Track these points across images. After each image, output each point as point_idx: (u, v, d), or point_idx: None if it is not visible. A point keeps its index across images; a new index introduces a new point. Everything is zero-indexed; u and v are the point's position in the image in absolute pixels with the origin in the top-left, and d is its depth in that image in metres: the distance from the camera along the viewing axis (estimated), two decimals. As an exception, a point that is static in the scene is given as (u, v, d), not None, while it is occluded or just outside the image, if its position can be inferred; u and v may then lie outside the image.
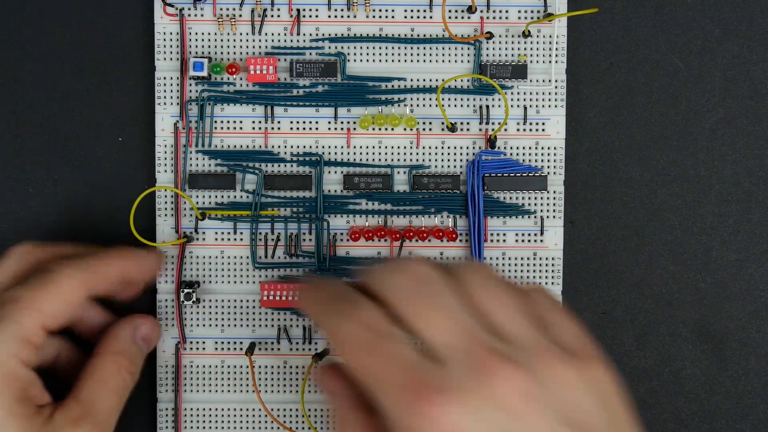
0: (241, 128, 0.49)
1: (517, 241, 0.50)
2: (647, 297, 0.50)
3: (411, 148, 0.49)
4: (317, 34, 0.49)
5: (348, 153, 0.49)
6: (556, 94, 0.49)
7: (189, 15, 0.49)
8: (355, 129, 0.49)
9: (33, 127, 0.50)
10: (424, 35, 0.49)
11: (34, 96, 0.50)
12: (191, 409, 0.50)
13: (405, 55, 0.49)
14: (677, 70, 0.50)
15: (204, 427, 0.50)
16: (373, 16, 0.49)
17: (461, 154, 0.49)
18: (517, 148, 0.49)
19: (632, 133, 0.50)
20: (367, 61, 0.49)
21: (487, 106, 0.49)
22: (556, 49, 0.49)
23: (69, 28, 0.50)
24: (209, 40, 0.49)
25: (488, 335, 0.35)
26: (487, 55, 0.49)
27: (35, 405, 0.42)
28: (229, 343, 0.50)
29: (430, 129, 0.49)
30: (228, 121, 0.49)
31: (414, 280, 0.37)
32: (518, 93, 0.49)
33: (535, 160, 0.49)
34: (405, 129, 0.49)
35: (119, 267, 0.46)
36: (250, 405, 0.50)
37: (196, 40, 0.49)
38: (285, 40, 0.49)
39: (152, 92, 0.49)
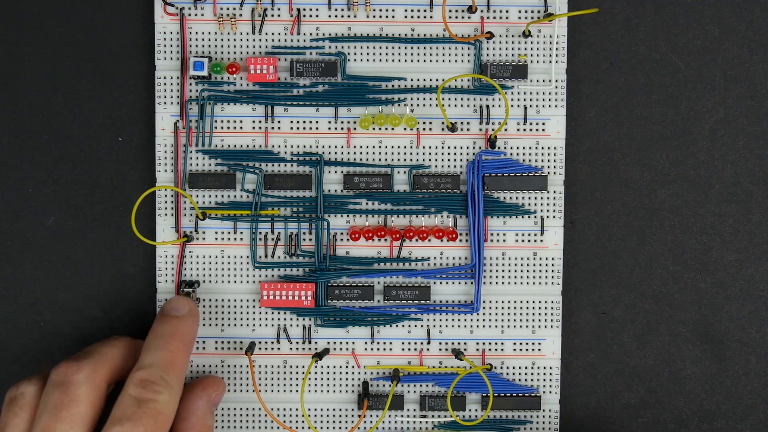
0: (241, 128, 0.49)
1: (517, 241, 0.50)
2: (647, 297, 0.50)
3: (411, 147, 0.49)
4: (317, 34, 0.49)
5: (348, 153, 0.49)
6: (556, 94, 0.49)
7: (189, 14, 0.49)
8: (355, 129, 0.49)
9: (33, 127, 0.50)
10: (425, 35, 0.49)
11: (34, 96, 0.50)
12: (191, 409, 0.50)
13: (405, 54, 0.49)
14: (677, 70, 0.50)
15: (204, 427, 0.50)
16: (374, 16, 0.49)
17: (461, 154, 0.49)
18: (517, 148, 0.49)
19: (632, 133, 0.50)
20: (368, 60, 0.49)
21: (488, 106, 0.49)
22: (557, 49, 0.49)
23: (69, 28, 0.50)
24: (209, 39, 0.49)
25: None
26: (488, 55, 0.49)
27: None
28: (229, 342, 0.50)
29: (430, 129, 0.49)
30: (228, 121, 0.49)
31: None
32: (518, 93, 0.49)
33: (535, 160, 0.49)
34: (405, 129, 0.49)
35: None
36: (250, 405, 0.50)
37: (197, 39, 0.49)
38: (285, 40, 0.49)
39: (152, 92, 0.49)
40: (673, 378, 0.51)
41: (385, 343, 0.50)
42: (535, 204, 0.49)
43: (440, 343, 0.50)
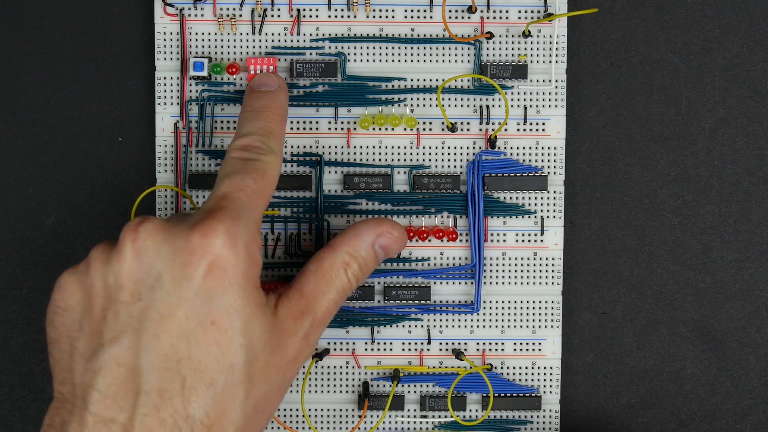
0: (241, 128, 0.49)
1: (517, 241, 0.50)
2: (647, 297, 0.50)
3: (411, 148, 0.49)
4: (317, 34, 0.49)
5: (348, 153, 0.49)
6: (556, 94, 0.49)
7: (189, 15, 0.49)
8: (355, 129, 0.49)
9: (33, 127, 0.50)
10: (425, 35, 0.49)
11: (34, 96, 0.50)
12: (191, 409, 0.50)
13: (405, 55, 0.49)
14: (677, 70, 0.50)
15: (204, 427, 0.50)
16: (373, 16, 0.49)
17: (461, 154, 0.49)
18: (517, 148, 0.49)
19: (632, 133, 0.50)
20: (367, 61, 0.49)
21: (487, 106, 0.49)
22: (556, 49, 0.49)
23: (69, 28, 0.50)
24: (209, 40, 0.49)
25: None
26: (487, 55, 0.49)
27: (264, 292, 0.41)
28: (229, 343, 0.50)
29: (430, 129, 0.49)
30: (228, 121, 0.49)
31: None
32: (518, 93, 0.49)
33: (535, 160, 0.49)
34: (405, 129, 0.49)
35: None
36: (250, 405, 0.50)
37: (197, 40, 0.49)
38: (285, 40, 0.49)
39: (152, 92, 0.49)
40: (673, 378, 0.51)
41: (385, 343, 0.50)
42: (535, 204, 0.49)
43: (440, 343, 0.50)
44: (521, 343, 0.50)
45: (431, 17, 0.49)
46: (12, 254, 0.50)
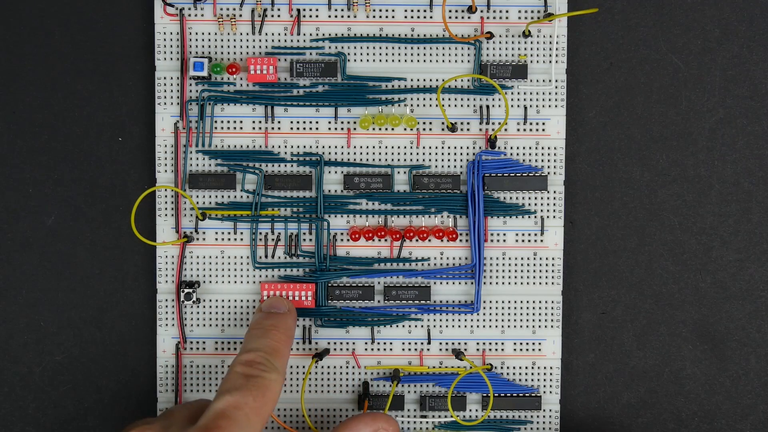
0: (241, 128, 0.49)
1: (517, 241, 0.50)
2: (647, 297, 0.50)
3: (411, 148, 0.49)
4: (317, 34, 0.49)
5: (348, 153, 0.49)
6: (556, 94, 0.49)
7: (189, 15, 0.49)
8: (355, 129, 0.49)
9: (33, 127, 0.50)
10: (425, 35, 0.49)
11: (34, 96, 0.50)
12: (191, 409, 0.50)
13: (405, 55, 0.49)
14: (677, 70, 0.50)
15: (204, 427, 0.50)
16: (373, 16, 0.49)
17: (461, 154, 0.49)
18: (517, 148, 0.49)
19: (632, 133, 0.50)
20: (368, 61, 0.49)
21: (488, 106, 0.49)
22: (556, 49, 0.49)
23: (69, 28, 0.50)
24: (209, 40, 0.49)
25: None
26: (488, 55, 0.49)
27: None
28: (229, 343, 0.50)
29: (431, 129, 0.49)
30: (228, 121, 0.49)
31: None
32: (518, 93, 0.49)
33: (535, 160, 0.49)
34: (405, 129, 0.49)
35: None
36: (250, 405, 0.50)
37: (197, 40, 0.49)
38: (285, 40, 0.49)
39: (152, 92, 0.49)
40: (673, 378, 0.51)
41: (385, 343, 0.50)
42: (535, 204, 0.49)
43: (440, 343, 0.50)
44: (521, 343, 0.50)
45: (431, 17, 0.49)
46: (12, 254, 0.50)
